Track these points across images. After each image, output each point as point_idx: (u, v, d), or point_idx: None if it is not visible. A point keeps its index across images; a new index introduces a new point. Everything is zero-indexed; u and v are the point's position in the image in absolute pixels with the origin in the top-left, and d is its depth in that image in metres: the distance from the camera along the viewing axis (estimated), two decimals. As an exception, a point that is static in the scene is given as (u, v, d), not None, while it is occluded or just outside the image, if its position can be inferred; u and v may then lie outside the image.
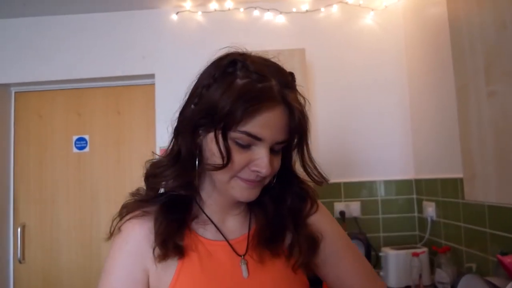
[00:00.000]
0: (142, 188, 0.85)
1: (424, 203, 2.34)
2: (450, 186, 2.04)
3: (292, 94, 0.74)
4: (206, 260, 0.78)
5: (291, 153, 0.81)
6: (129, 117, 2.73)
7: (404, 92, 2.57)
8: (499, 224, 1.64)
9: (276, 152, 0.76)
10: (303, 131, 0.76)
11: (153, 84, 2.65)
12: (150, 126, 2.68)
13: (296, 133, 0.75)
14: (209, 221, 0.82)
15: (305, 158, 0.80)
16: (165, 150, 0.83)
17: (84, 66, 2.64)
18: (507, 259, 1.38)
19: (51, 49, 2.66)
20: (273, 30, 2.63)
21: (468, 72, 1.16)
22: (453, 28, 1.25)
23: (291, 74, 0.78)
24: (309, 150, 0.80)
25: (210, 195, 0.83)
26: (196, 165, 0.77)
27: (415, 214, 2.50)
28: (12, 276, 2.63)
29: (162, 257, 0.75)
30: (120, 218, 0.81)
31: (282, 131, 0.73)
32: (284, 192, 0.85)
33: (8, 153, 2.71)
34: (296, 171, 0.85)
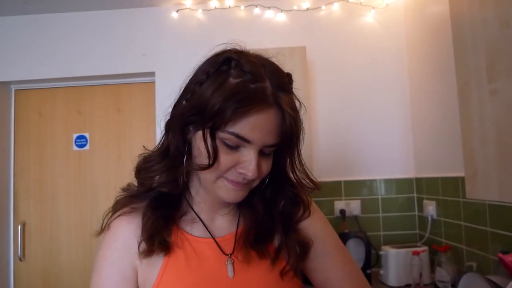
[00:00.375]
0: (133, 184, 0.84)
1: (425, 201, 2.34)
2: (451, 184, 2.03)
3: (286, 97, 0.71)
4: (192, 258, 0.77)
5: (285, 157, 0.79)
6: (129, 115, 2.73)
7: (405, 90, 2.56)
8: (500, 223, 1.64)
9: (267, 155, 0.74)
10: (294, 136, 0.74)
11: (153, 82, 2.65)
12: (150, 124, 2.67)
13: (287, 137, 0.72)
14: (197, 218, 0.82)
15: (295, 164, 0.78)
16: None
17: (84, 64, 2.64)
18: (508, 258, 1.37)
19: (51, 47, 2.66)
20: (273, 28, 2.62)
21: (470, 70, 1.16)
22: (455, 26, 1.25)
23: (288, 76, 0.75)
24: (300, 156, 0.79)
25: (198, 192, 0.82)
26: (184, 162, 0.75)
27: (416, 213, 2.49)
28: (12, 274, 2.63)
29: (147, 253, 0.75)
30: (110, 214, 0.81)
31: (272, 134, 0.71)
32: (276, 196, 0.83)
33: (8, 151, 2.71)
34: (291, 176, 0.83)
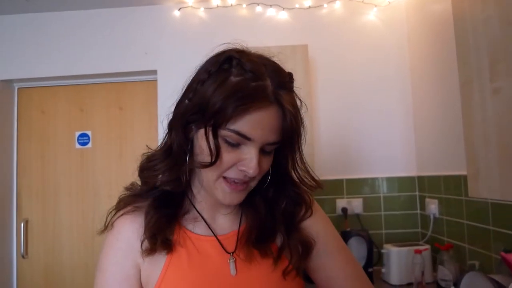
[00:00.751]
0: (136, 183, 0.84)
1: (427, 200, 2.34)
2: (453, 183, 2.03)
3: (286, 95, 0.72)
4: (195, 256, 0.78)
5: (287, 155, 0.79)
6: (131, 113, 2.73)
7: (407, 89, 2.56)
8: (502, 222, 1.63)
9: (268, 153, 0.74)
10: (295, 134, 0.74)
11: (155, 80, 2.65)
12: (152, 122, 2.68)
13: (288, 135, 0.73)
14: (200, 217, 0.82)
15: (296, 162, 0.78)
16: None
17: (87, 62, 2.64)
18: (510, 257, 1.37)
19: (53, 45, 2.66)
20: (275, 26, 2.62)
21: (472, 68, 1.16)
22: (457, 24, 1.24)
23: (290, 75, 0.76)
24: (301, 154, 0.79)
25: (199, 192, 0.82)
26: (186, 160, 0.76)
27: (418, 211, 2.49)
28: (15, 271, 2.65)
29: (150, 251, 0.76)
30: (114, 213, 0.82)
31: (273, 132, 0.71)
32: (278, 195, 0.83)
33: (11, 149, 2.72)
34: (293, 175, 0.83)
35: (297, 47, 2.37)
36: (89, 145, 2.72)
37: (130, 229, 0.79)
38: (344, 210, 2.44)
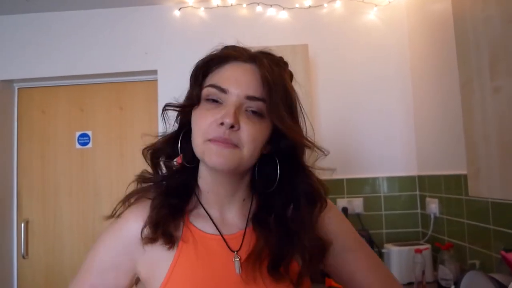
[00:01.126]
0: (146, 171, 0.85)
1: (427, 199, 2.34)
2: (454, 182, 2.03)
3: (265, 58, 0.77)
4: (202, 254, 0.78)
5: (297, 149, 0.79)
6: (132, 113, 2.73)
7: (407, 88, 2.56)
8: (502, 221, 1.63)
9: (254, 115, 0.74)
10: (278, 92, 0.74)
11: (155, 80, 2.65)
12: (153, 122, 2.68)
13: (267, 90, 0.73)
14: (206, 214, 0.82)
15: (284, 120, 0.74)
16: None
17: (87, 62, 2.64)
18: (510, 256, 1.37)
19: (53, 45, 2.66)
20: (276, 26, 2.62)
21: (472, 67, 1.16)
22: (458, 23, 1.24)
23: (281, 58, 0.82)
24: (295, 111, 0.78)
25: (206, 181, 0.81)
26: (180, 133, 0.81)
27: (418, 211, 2.49)
28: (15, 272, 2.65)
29: (150, 240, 0.76)
30: (121, 204, 0.82)
31: (250, 87, 0.74)
32: (293, 192, 0.81)
33: (11, 149, 2.72)
34: (307, 167, 0.82)
35: (297, 46, 2.37)
36: (90, 145, 2.72)
37: (136, 222, 0.79)
38: (345, 209, 2.44)
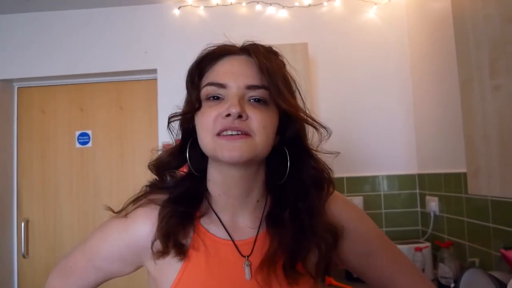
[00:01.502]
0: (156, 179, 0.84)
1: (427, 197, 2.34)
2: (453, 180, 2.03)
3: (257, 48, 0.76)
4: (213, 259, 0.76)
5: (302, 131, 0.79)
6: (132, 112, 2.73)
7: (407, 87, 2.56)
8: (502, 219, 1.64)
9: (258, 103, 0.73)
10: (278, 74, 0.73)
11: (155, 79, 2.65)
12: (153, 121, 2.68)
13: (266, 77, 0.72)
14: (217, 219, 0.80)
15: (290, 101, 0.73)
16: (168, 145, 0.83)
17: (87, 61, 2.64)
18: (510, 254, 1.37)
19: (53, 45, 2.66)
20: (275, 25, 2.62)
21: (472, 65, 1.16)
22: (457, 22, 1.24)
23: (271, 47, 0.81)
24: (293, 96, 0.77)
25: (216, 183, 0.79)
26: (188, 143, 0.79)
27: (418, 209, 2.49)
28: (16, 271, 2.65)
29: (162, 254, 0.75)
30: (132, 204, 0.81)
31: (248, 76, 0.73)
32: (301, 180, 0.79)
33: (11, 148, 2.72)
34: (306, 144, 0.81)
35: (297, 45, 2.36)
36: (89, 144, 2.72)
37: (144, 224, 0.78)
38: (345, 208, 2.44)
